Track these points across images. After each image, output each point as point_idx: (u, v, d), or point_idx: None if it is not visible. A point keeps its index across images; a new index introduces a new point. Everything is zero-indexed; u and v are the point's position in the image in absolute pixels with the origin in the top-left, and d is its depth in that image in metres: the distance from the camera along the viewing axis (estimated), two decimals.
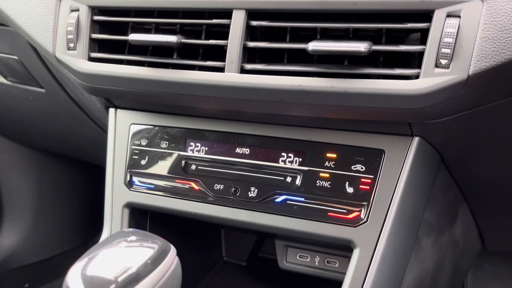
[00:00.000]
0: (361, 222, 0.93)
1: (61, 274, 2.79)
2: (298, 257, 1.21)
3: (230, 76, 0.91)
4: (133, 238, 0.73)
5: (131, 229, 0.77)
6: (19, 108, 1.75)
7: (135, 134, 1.14)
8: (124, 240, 0.72)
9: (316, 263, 1.19)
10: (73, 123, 1.66)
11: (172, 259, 0.72)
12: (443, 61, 0.78)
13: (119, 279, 0.65)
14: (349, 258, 0.96)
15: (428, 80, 0.79)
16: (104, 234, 1.13)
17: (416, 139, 0.92)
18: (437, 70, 0.79)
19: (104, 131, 1.58)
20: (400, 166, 0.92)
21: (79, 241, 2.84)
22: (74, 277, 0.67)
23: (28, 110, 1.75)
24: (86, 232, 2.89)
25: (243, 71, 0.91)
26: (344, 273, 0.96)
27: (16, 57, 1.41)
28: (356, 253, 0.94)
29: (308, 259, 1.20)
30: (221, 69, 0.93)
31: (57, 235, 2.74)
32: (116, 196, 1.13)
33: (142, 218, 1.18)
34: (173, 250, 0.73)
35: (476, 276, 2.07)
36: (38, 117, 1.78)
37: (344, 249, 1.09)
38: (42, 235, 2.64)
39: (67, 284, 0.68)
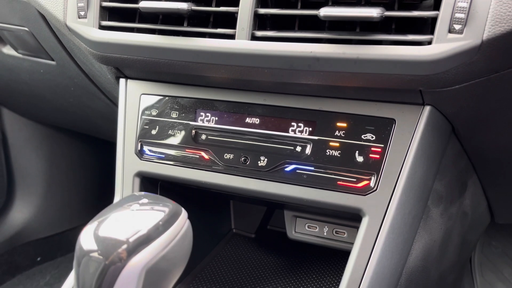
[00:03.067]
0: (370, 191, 0.94)
1: (72, 248, 2.83)
2: (306, 228, 1.22)
3: (241, 43, 0.91)
4: (145, 201, 0.74)
5: (142, 193, 0.77)
6: (30, 82, 1.76)
7: (146, 104, 1.14)
8: (136, 203, 0.73)
9: (325, 233, 1.19)
10: (83, 96, 1.67)
11: (183, 221, 0.72)
12: (457, 26, 0.77)
13: (131, 240, 0.65)
14: (357, 228, 0.97)
15: (441, 45, 0.78)
16: None
17: (427, 108, 0.91)
18: (450, 35, 0.78)
19: (115, 104, 1.58)
20: (411, 135, 0.92)
21: (89, 216, 2.87)
22: (87, 238, 0.68)
23: (39, 84, 1.76)
24: (96, 207, 2.91)
25: (254, 38, 0.91)
26: (353, 243, 0.97)
27: (26, 29, 1.41)
28: (365, 222, 0.94)
29: (316, 229, 1.21)
30: (231, 36, 0.92)
31: (68, 210, 2.77)
32: (127, 165, 1.14)
33: (153, 188, 1.19)
34: (184, 213, 0.74)
35: (484, 253, 2.08)
36: (49, 91, 1.79)
37: (353, 219, 1.10)
38: (54, 210, 2.67)
39: (80, 244, 0.68)
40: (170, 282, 0.71)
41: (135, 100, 1.15)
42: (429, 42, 0.80)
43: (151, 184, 1.18)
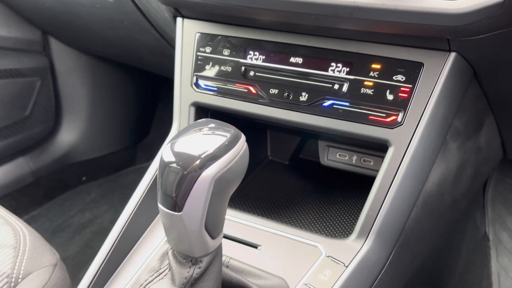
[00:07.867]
0: (397, 125, 1.06)
1: (112, 171, 3.03)
2: (337, 156, 1.38)
3: None
4: (212, 125, 0.88)
5: (209, 119, 0.92)
6: (84, 15, 1.84)
7: (200, 42, 1.27)
8: (206, 127, 0.88)
9: (353, 161, 1.35)
10: (134, 31, 1.76)
11: (242, 144, 0.87)
12: None
13: (202, 156, 0.81)
14: (382, 158, 1.10)
15: (468, 0, 0.89)
16: (174, 128, 1.31)
17: (452, 54, 1.02)
18: None
19: (165, 38, 1.70)
20: (436, 77, 1.03)
21: (128, 142, 3.06)
22: (167, 152, 0.83)
23: (92, 18, 1.83)
24: (135, 134, 3.08)
25: None
26: (378, 170, 1.11)
27: None
28: (390, 151, 1.08)
29: (346, 158, 1.36)
30: None
31: (109, 135, 2.91)
32: (184, 96, 1.29)
33: (204, 116, 1.34)
34: (243, 137, 0.88)
35: (497, 189, 2.19)
36: (101, 25, 1.87)
37: (379, 149, 1.24)
38: (96, 135, 2.83)
39: (162, 157, 0.84)
40: (231, 189, 0.87)
41: (190, 37, 1.28)
42: None
43: (203, 113, 1.33)
